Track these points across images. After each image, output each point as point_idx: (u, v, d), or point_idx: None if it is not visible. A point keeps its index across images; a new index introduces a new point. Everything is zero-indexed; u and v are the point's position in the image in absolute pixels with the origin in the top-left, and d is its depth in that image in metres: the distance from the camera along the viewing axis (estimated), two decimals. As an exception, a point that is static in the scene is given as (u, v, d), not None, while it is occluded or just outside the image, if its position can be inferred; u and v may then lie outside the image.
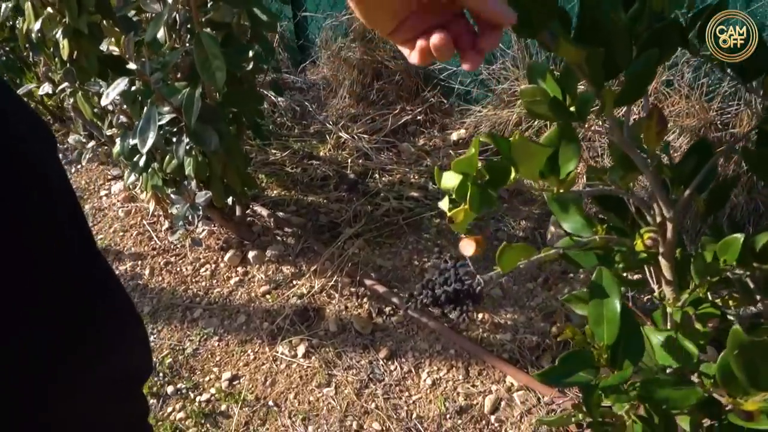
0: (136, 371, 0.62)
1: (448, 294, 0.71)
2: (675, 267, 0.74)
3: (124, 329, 0.58)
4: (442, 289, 0.71)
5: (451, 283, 0.72)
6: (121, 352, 0.57)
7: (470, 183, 0.53)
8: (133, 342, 0.60)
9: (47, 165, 0.50)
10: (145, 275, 1.54)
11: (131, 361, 0.60)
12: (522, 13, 0.54)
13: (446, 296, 0.70)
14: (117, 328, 0.56)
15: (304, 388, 1.19)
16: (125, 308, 0.59)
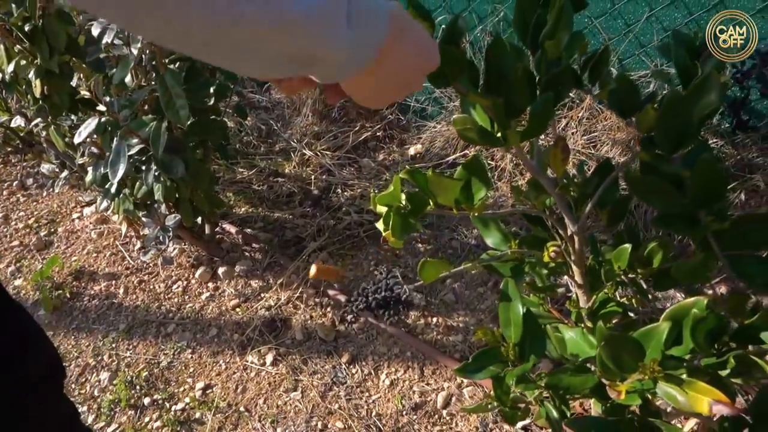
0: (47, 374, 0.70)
1: (378, 301, 0.80)
2: (585, 273, 0.86)
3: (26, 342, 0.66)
4: (373, 297, 0.81)
5: (381, 291, 0.81)
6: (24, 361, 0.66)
7: (393, 213, 0.63)
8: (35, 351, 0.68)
9: None
10: (119, 294, 1.61)
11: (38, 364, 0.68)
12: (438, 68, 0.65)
13: (377, 303, 0.80)
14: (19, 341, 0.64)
15: (272, 394, 1.28)
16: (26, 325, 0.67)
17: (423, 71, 0.51)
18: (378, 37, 0.40)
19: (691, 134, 0.66)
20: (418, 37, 0.47)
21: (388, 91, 0.48)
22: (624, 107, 0.74)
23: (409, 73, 0.48)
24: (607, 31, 1.52)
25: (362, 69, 0.41)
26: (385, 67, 0.43)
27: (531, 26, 0.73)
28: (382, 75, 0.44)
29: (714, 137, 1.49)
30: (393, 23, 0.42)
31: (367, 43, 0.40)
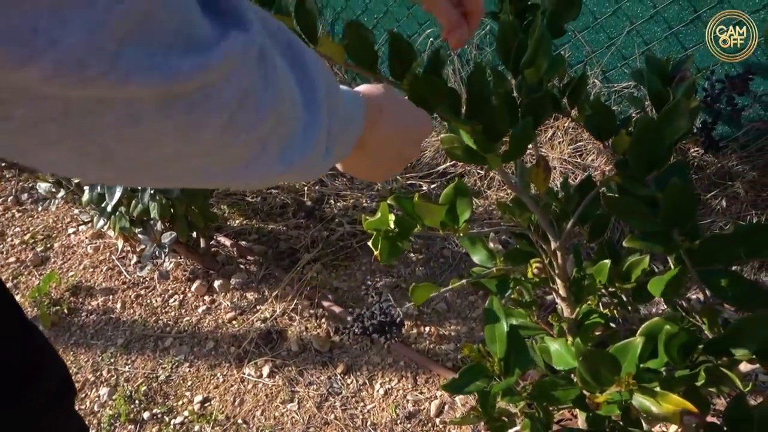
0: (58, 393, 0.73)
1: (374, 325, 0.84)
2: (569, 286, 0.89)
3: (41, 365, 0.70)
4: (370, 322, 0.84)
5: (376, 316, 0.85)
6: (38, 386, 0.69)
7: (381, 238, 0.66)
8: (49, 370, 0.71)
9: None
10: (117, 309, 1.63)
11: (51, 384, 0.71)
12: (419, 96, 0.68)
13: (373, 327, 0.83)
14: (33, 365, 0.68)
15: (269, 405, 1.31)
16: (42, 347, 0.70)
17: (414, 141, 0.53)
18: (353, 135, 0.43)
19: (663, 157, 0.70)
20: (401, 110, 0.49)
21: (384, 165, 0.51)
22: (600, 131, 0.78)
23: (400, 146, 0.50)
24: (591, 44, 1.57)
25: (346, 155, 0.44)
26: (369, 147, 0.46)
27: (513, 51, 0.76)
28: (369, 154, 0.47)
29: (695, 146, 1.53)
30: (370, 108, 0.44)
31: (342, 148, 0.42)
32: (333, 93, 0.37)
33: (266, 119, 0.29)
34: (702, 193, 1.55)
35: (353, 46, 0.65)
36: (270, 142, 0.30)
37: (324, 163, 0.38)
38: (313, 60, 0.35)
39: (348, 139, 0.43)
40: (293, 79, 0.32)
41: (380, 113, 0.46)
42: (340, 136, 0.40)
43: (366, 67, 0.67)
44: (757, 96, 1.37)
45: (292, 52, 0.33)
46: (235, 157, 0.29)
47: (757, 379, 1.30)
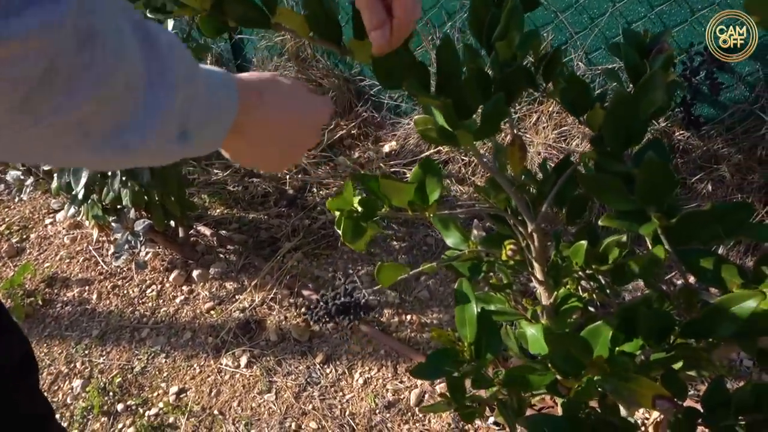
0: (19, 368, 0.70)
1: (338, 307, 0.81)
2: (546, 270, 0.86)
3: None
4: (333, 303, 0.81)
5: (340, 297, 0.82)
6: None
7: (344, 217, 0.63)
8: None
9: None
10: (92, 300, 1.59)
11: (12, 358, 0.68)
12: (385, 70, 0.65)
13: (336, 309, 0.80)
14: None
15: (246, 396, 1.28)
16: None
17: (307, 126, 0.51)
18: (223, 120, 0.41)
19: (639, 131, 0.67)
20: (287, 95, 0.48)
21: (275, 153, 0.49)
22: (576, 106, 0.74)
23: (290, 132, 0.48)
24: (573, 25, 1.53)
25: (218, 142, 0.42)
26: (252, 133, 0.45)
27: (485, 26, 0.73)
28: (254, 141, 0.45)
29: (680, 129, 1.51)
30: (245, 93, 0.43)
31: (209, 134, 0.40)
32: (192, 77, 0.36)
33: (82, 102, 0.27)
34: (687, 177, 1.53)
35: (314, 18, 0.62)
36: (93, 126, 0.29)
37: (181, 149, 0.37)
38: (169, 43, 0.34)
39: (216, 124, 0.41)
40: (139, 60, 0.31)
41: (260, 97, 0.45)
42: (203, 122, 0.39)
43: (329, 40, 0.63)
44: (741, 77, 1.35)
45: (143, 33, 0.32)
46: (46, 138, 0.28)
47: (742, 364, 1.28)
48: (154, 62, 0.32)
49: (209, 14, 0.60)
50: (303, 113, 0.50)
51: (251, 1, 0.60)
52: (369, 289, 1.41)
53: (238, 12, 0.60)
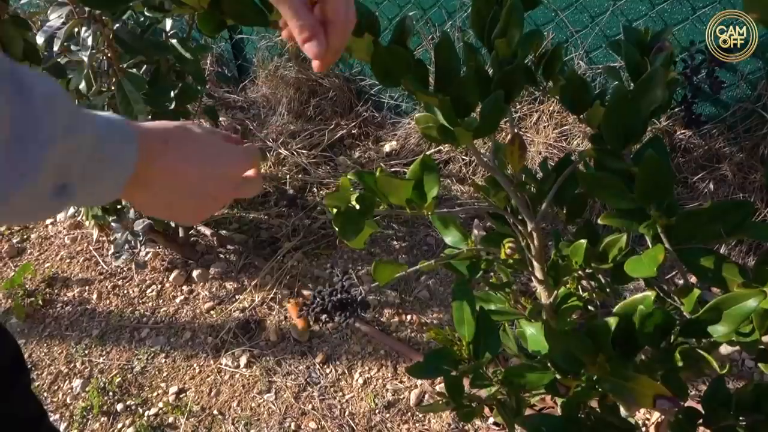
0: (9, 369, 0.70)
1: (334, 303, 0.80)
2: (546, 269, 0.86)
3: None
4: (329, 300, 0.81)
5: (337, 293, 0.81)
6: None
7: (342, 214, 0.62)
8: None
9: None
10: (93, 300, 1.59)
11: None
12: (383, 68, 0.64)
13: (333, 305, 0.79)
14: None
15: (246, 396, 1.27)
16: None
17: (222, 177, 0.46)
18: (118, 174, 0.38)
19: (639, 129, 0.66)
20: (198, 144, 0.44)
21: (188, 204, 0.45)
22: (575, 104, 0.74)
23: (203, 182, 0.44)
24: (574, 24, 1.53)
25: (114, 194, 0.39)
26: (159, 183, 0.42)
27: (487, 24, 0.72)
28: (162, 192, 0.42)
29: (681, 128, 1.50)
30: (148, 142, 0.40)
31: (100, 188, 0.38)
32: (75, 129, 0.34)
33: None
34: (689, 176, 1.52)
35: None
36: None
37: (59, 203, 0.35)
38: (45, 95, 0.31)
39: (108, 177, 0.38)
40: (7, 113, 0.29)
41: (165, 145, 0.42)
42: (90, 174, 0.36)
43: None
44: (743, 75, 1.34)
45: (15, 86, 0.30)
46: None
47: (744, 365, 1.27)
48: (24, 117, 0.30)
49: (207, 12, 0.59)
50: (215, 164, 0.45)
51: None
52: (367, 287, 1.40)
53: (236, 9, 0.59)
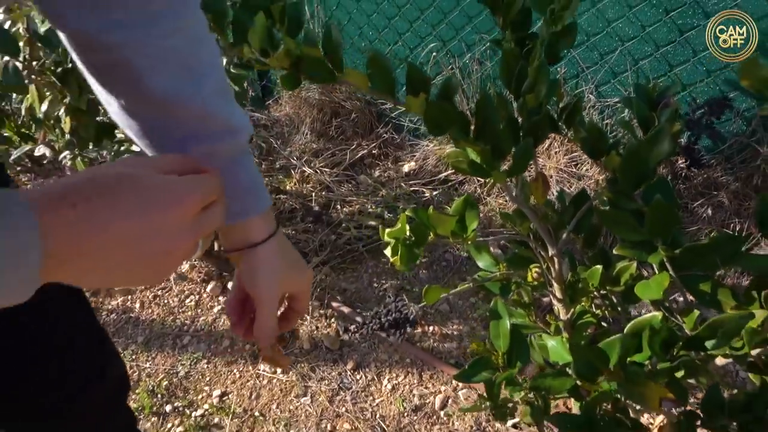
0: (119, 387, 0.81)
1: (390, 322, 0.92)
2: (565, 289, 0.98)
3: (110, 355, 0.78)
4: (386, 318, 0.93)
5: (392, 313, 0.93)
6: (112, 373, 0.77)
7: (401, 245, 0.74)
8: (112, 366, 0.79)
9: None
10: (135, 308, 1.71)
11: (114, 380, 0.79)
12: (433, 120, 0.77)
13: (389, 323, 0.91)
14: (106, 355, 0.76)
15: (284, 399, 1.39)
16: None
17: (167, 225, 0.37)
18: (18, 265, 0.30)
19: (648, 176, 0.79)
20: (120, 193, 0.35)
21: (135, 271, 0.36)
22: (594, 151, 0.86)
23: (139, 240, 0.35)
24: (584, 61, 1.65)
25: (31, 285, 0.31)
26: (79, 259, 0.33)
27: (514, 76, 0.85)
28: (87, 266, 0.34)
29: (682, 158, 1.62)
30: (53, 212, 0.32)
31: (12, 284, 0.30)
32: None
33: None
34: (689, 202, 1.64)
35: (376, 76, 0.74)
36: None
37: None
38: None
39: (10, 274, 0.30)
40: None
41: (73, 209, 0.33)
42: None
43: (386, 92, 0.75)
44: (740, 112, 1.46)
45: None
46: None
47: (738, 375, 1.39)
48: None
49: (290, 73, 0.72)
50: (149, 219, 0.35)
51: (323, 62, 0.72)
52: (416, 305, 1.52)
53: (312, 70, 0.72)
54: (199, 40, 0.54)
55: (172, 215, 0.37)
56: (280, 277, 0.56)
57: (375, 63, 0.73)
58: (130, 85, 0.49)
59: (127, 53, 0.47)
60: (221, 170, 0.46)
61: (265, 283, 0.54)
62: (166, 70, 0.49)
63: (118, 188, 0.35)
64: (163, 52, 0.49)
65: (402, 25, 2.04)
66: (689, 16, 1.40)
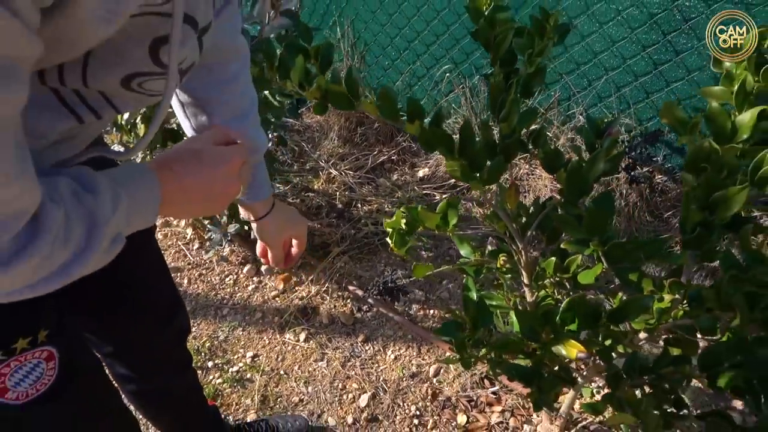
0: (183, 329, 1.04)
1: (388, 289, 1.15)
2: (532, 276, 1.20)
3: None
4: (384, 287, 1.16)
5: (389, 283, 1.16)
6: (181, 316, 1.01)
7: (395, 233, 0.98)
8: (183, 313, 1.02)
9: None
10: (184, 284, 1.98)
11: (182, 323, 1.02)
12: (426, 141, 0.99)
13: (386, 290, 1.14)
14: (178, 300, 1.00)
15: (304, 362, 1.63)
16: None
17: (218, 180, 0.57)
18: (150, 210, 0.51)
19: (587, 189, 1.00)
20: (192, 162, 0.55)
21: (199, 206, 0.58)
22: (550, 167, 1.08)
23: (206, 188, 0.56)
24: (576, 86, 1.86)
25: (152, 221, 0.52)
26: (177, 199, 0.54)
27: (497, 106, 1.07)
28: (181, 202, 0.55)
29: (660, 173, 1.82)
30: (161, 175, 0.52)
31: (139, 223, 0.51)
32: (117, 202, 0.46)
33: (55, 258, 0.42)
34: (664, 212, 1.83)
35: (384, 107, 0.98)
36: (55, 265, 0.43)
37: (115, 249, 0.48)
38: (94, 191, 0.45)
39: (146, 213, 0.51)
40: (78, 224, 0.43)
41: (171, 171, 0.53)
42: (132, 217, 0.48)
43: (391, 119, 0.99)
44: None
45: (77, 198, 0.44)
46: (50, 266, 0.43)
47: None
48: (87, 218, 0.43)
49: (320, 102, 0.96)
50: (213, 169, 0.56)
51: (345, 95, 0.96)
52: (405, 280, 1.76)
53: (336, 101, 0.96)
54: (248, 86, 0.80)
55: (223, 170, 0.57)
56: (280, 231, 0.92)
57: (384, 97, 0.97)
58: (203, 117, 0.75)
59: (209, 101, 0.73)
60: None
61: (269, 237, 0.91)
62: (229, 111, 0.75)
63: (190, 158, 0.55)
64: (231, 98, 0.75)
65: (420, 48, 2.27)
66: (662, 52, 1.60)
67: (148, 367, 0.96)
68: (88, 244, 0.43)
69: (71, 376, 0.60)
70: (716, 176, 0.86)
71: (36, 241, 0.39)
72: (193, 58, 0.52)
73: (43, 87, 0.45)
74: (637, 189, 1.81)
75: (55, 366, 0.58)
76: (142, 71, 0.46)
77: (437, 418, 1.42)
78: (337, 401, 1.51)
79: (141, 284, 0.87)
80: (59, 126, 0.49)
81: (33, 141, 0.47)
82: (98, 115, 0.50)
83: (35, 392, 0.57)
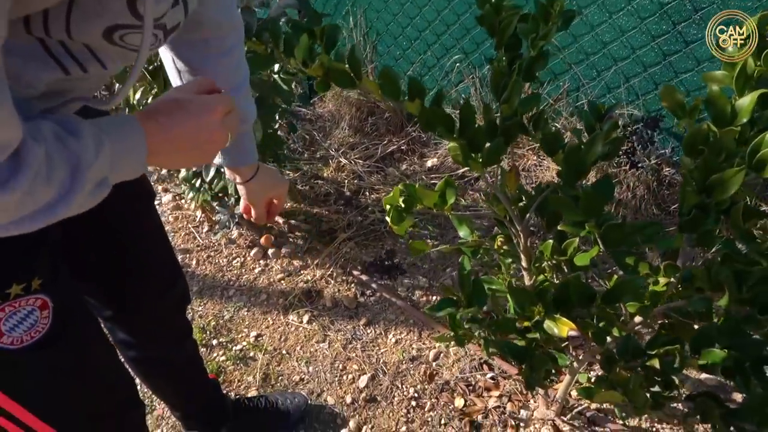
0: (183, 297, 1.05)
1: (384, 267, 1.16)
2: (531, 259, 1.19)
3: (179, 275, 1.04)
4: (382, 265, 1.17)
5: (386, 262, 1.17)
6: (181, 283, 1.02)
7: (393, 209, 0.98)
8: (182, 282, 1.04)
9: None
10: (192, 265, 2.00)
11: (182, 290, 1.04)
12: (426, 120, 1.00)
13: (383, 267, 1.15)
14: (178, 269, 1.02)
15: (307, 343, 1.65)
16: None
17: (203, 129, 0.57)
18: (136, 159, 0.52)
19: (584, 171, 1.00)
20: (178, 112, 0.56)
21: (186, 155, 0.58)
22: (550, 150, 1.08)
23: (192, 138, 0.57)
24: (584, 77, 1.84)
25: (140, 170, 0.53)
26: (164, 148, 0.55)
27: (500, 89, 1.07)
28: (167, 152, 0.56)
29: (667, 166, 1.80)
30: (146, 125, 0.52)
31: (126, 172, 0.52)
32: (100, 146, 0.47)
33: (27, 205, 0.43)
34: (670, 205, 1.82)
35: (385, 85, 0.98)
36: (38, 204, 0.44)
37: (101, 192, 0.49)
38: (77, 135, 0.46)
39: (132, 161, 0.52)
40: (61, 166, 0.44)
41: (156, 123, 0.54)
42: (117, 164, 0.49)
43: (392, 97, 0.99)
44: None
45: (60, 142, 0.45)
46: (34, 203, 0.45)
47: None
48: (70, 159, 0.44)
49: (323, 80, 0.97)
50: (197, 121, 0.56)
51: (346, 73, 0.97)
52: (405, 260, 1.76)
53: (338, 79, 0.97)
54: (241, 61, 0.82)
55: (207, 118, 0.57)
56: (264, 192, 0.97)
57: (385, 75, 0.97)
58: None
59: (205, 72, 0.75)
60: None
61: (254, 197, 0.97)
62: (223, 82, 0.76)
63: (175, 108, 0.56)
64: (225, 70, 0.77)
65: (431, 38, 2.27)
66: (672, 43, 1.58)
67: (148, 333, 0.98)
68: (72, 186, 0.45)
69: (65, 325, 0.62)
70: (714, 159, 0.86)
71: (17, 175, 0.40)
72: (177, 17, 0.53)
73: (30, 36, 0.47)
74: (644, 182, 1.80)
75: (49, 315, 0.59)
76: (122, 23, 0.47)
77: (435, 401, 1.43)
78: (337, 381, 1.52)
79: (141, 249, 0.89)
80: (45, 76, 0.50)
81: (20, 89, 0.49)
82: (83, 68, 0.52)
83: (30, 339, 0.59)
